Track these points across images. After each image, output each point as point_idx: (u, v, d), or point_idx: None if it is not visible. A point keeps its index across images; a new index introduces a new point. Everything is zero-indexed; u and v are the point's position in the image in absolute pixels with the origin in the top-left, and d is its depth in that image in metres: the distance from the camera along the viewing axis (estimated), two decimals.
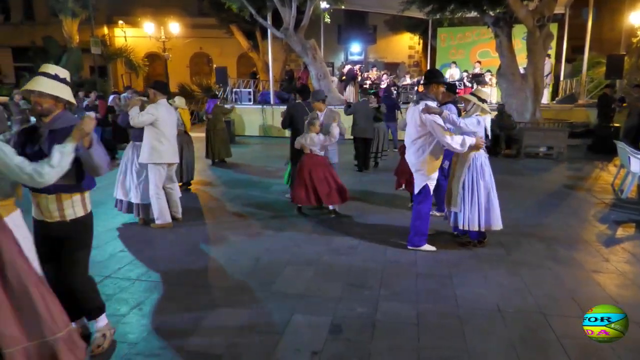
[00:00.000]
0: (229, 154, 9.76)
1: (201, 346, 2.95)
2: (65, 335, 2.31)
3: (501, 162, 9.94)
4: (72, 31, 19.22)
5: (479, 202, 4.50)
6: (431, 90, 4.42)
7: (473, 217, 4.51)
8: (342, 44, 24.08)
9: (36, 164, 2.24)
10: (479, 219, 4.51)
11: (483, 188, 4.51)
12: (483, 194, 4.51)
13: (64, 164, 2.31)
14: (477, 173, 4.52)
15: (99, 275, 4.04)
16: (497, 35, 12.32)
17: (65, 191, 2.60)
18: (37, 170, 2.22)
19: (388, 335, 3.08)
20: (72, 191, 2.64)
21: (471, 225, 4.52)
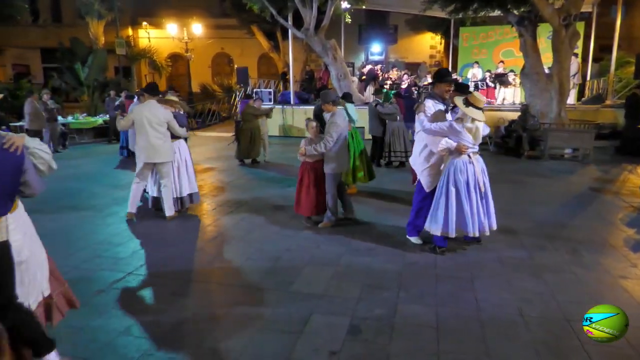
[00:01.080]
0: (256, 154, 9.73)
1: (220, 343, 2.98)
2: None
3: (524, 163, 9.76)
4: (98, 32, 19.68)
5: (446, 208, 4.32)
6: (436, 89, 4.51)
7: (437, 222, 4.37)
8: (362, 44, 24.00)
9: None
10: (444, 225, 4.35)
11: (454, 194, 4.28)
12: (453, 200, 4.28)
13: None
14: (447, 178, 4.32)
15: (122, 271, 4.14)
16: (521, 35, 12.08)
17: None
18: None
19: (407, 337, 3.06)
20: None
21: (433, 230, 4.42)
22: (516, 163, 9.80)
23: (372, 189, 7.18)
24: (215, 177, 8.44)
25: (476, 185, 4.35)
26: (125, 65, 20.28)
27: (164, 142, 5.47)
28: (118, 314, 3.38)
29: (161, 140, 5.43)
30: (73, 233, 5.16)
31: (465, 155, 4.30)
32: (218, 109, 19.08)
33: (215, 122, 18.01)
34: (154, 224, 5.55)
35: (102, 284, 3.88)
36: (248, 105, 9.89)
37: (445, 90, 4.47)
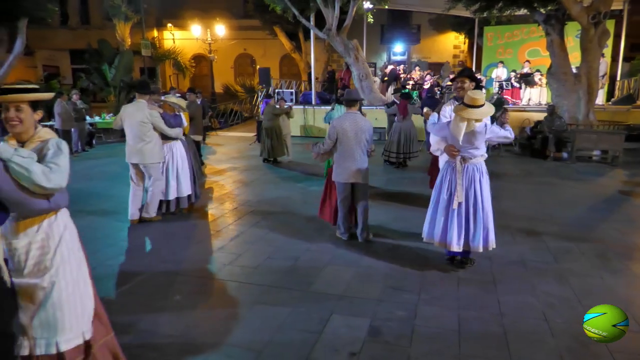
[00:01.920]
0: (278, 154, 9.75)
1: (241, 342, 3.01)
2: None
3: (550, 165, 9.54)
4: (124, 34, 20.13)
5: (432, 213, 4.16)
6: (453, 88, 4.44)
7: (424, 226, 4.24)
8: (384, 43, 23.88)
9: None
10: (428, 231, 4.19)
11: (441, 200, 4.07)
12: (440, 206, 4.07)
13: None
14: (439, 182, 4.13)
15: (144, 269, 4.22)
16: (548, 34, 11.81)
17: None
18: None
19: (428, 340, 3.03)
20: None
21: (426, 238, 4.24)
22: (542, 165, 9.59)
23: (390, 190, 7.14)
24: (237, 176, 8.53)
25: (466, 196, 3.93)
26: (150, 66, 20.67)
27: (147, 143, 5.30)
28: (140, 310, 3.45)
29: (143, 141, 5.28)
30: (98, 230, 5.29)
31: (456, 160, 3.96)
32: (240, 109, 19.28)
33: (237, 122, 18.20)
34: (176, 224, 5.63)
35: (126, 280, 3.97)
36: (269, 104, 9.99)
37: (457, 88, 4.28)
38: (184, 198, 5.87)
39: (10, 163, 1.97)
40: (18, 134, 2.22)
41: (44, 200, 2.13)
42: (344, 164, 4.69)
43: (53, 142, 2.23)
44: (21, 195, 2.03)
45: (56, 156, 2.17)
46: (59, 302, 2.20)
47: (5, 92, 2.20)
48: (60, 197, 2.25)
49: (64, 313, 2.20)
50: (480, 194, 3.93)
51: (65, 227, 2.28)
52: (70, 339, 2.22)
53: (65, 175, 2.15)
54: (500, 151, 11.11)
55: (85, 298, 2.31)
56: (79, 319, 2.26)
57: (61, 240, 2.24)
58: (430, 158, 6.00)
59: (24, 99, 2.20)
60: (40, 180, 2.02)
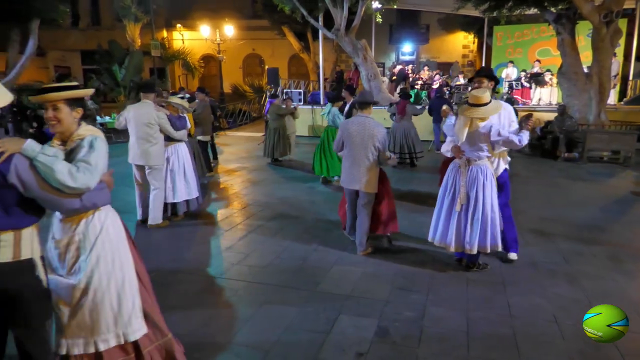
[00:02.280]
0: (281, 154, 9.73)
1: (249, 341, 3.02)
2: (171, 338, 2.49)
3: (561, 165, 9.43)
4: (134, 35, 20.30)
5: (437, 212, 4.15)
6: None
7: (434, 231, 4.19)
8: (393, 43, 23.80)
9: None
10: (432, 231, 4.20)
11: (444, 203, 4.06)
12: (443, 206, 4.07)
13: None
14: (442, 185, 4.14)
15: (152, 268, 4.24)
16: (559, 33, 11.69)
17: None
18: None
19: (436, 341, 3.01)
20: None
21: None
22: (552, 165, 9.49)
23: (397, 190, 7.10)
24: (245, 176, 8.55)
25: (468, 198, 3.88)
26: (160, 67, 20.81)
27: (152, 145, 5.22)
28: None
29: (149, 143, 5.20)
30: None
31: (460, 160, 3.94)
32: (249, 109, 19.32)
33: (246, 122, 18.24)
34: (185, 224, 5.65)
35: None
36: (273, 104, 9.99)
37: (474, 88, 4.18)
38: (193, 200, 5.80)
39: (36, 162, 1.93)
40: (59, 134, 2.22)
41: (76, 199, 2.08)
42: (348, 169, 4.49)
43: (87, 139, 2.17)
44: (48, 195, 1.98)
45: (87, 155, 2.11)
46: (94, 302, 2.20)
47: (41, 92, 2.19)
48: (96, 195, 2.19)
49: (100, 313, 2.21)
50: (482, 197, 3.83)
51: (103, 227, 2.24)
52: (107, 339, 2.23)
53: (95, 175, 2.08)
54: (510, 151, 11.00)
55: (125, 299, 2.27)
56: (118, 320, 2.25)
57: (97, 241, 2.21)
58: (441, 158, 5.95)
59: (58, 97, 2.16)
60: (65, 180, 1.96)
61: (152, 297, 2.48)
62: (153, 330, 2.37)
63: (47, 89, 2.19)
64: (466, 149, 3.87)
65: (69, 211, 2.14)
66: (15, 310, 2.02)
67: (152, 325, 2.37)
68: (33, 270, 2.04)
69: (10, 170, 1.87)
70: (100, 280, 2.21)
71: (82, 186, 2.03)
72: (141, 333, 2.32)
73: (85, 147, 2.14)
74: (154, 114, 5.23)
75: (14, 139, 1.96)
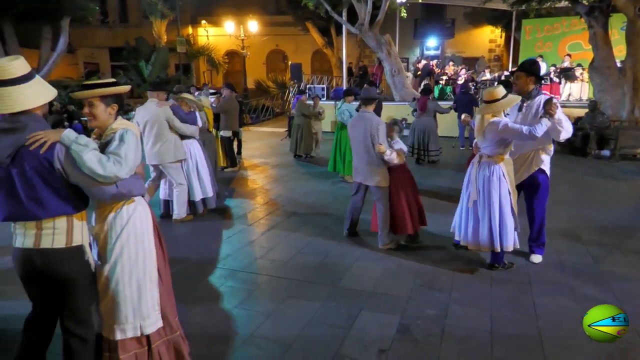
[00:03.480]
0: (307, 150, 9.71)
1: (271, 334, 3.05)
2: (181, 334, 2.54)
3: (591, 163, 9.15)
4: (160, 31, 20.67)
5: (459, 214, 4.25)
6: None
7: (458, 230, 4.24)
8: (418, 38, 23.51)
9: None
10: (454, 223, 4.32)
11: (464, 200, 4.16)
12: (463, 206, 4.17)
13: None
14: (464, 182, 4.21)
15: (177, 261, 4.33)
16: (591, 26, 11.30)
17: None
18: None
19: (459, 340, 2.97)
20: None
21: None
22: (582, 163, 9.22)
23: (420, 187, 7.03)
24: (269, 172, 8.61)
25: (478, 192, 3.90)
26: (185, 63, 21.13)
27: (164, 142, 5.16)
28: None
29: (160, 141, 5.15)
30: None
31: (475, 158, 4.01)
32: (272, 105, 19.43)
33: (269, 118, 18.35)
34: (208, 218, 5.74)
35: None
36: (300, 101, 9.96)
37: (513, 83, 4.13)
38: (210, 198, 5.74)
39: (71, 150, 2.03)
40: (97, 128, 2.33)
41: (111, 186, 2.14)
42: (354, 164, 4.70)
43: (119, 133, 2.23)
44: (86, 181, 2.08)
45: (118, 147, 2.17)
46: (116, 292, 2.27)
47: (81, 89, 2.28)
48: (132, 183, 2.24)
49: (120, 303, 2.27)
50: (490, 194, 3.82)
51: (130, 219, 2.29)
52: (125, 330, 2.29)
53: (125, 166, 2.12)
54: None
55: (145, 292, 2.31)
56: (136, 312, 2.30)
57: (122, 232, 2.26)
58: (467, 154, 5.86)
59: (91, 94, 2.24)
60: (95, 168, 2.03)
61: (169, 292, 2.52)
62: (164, 325, 2.41)
63: (84, 85, 2.27)
64: (481, 145, 3.91)
65: (105, 198, 2.20)
66: (67, 293, 2.16)
67: (165, 322, 2.42)
68: (83, 255, 2.19)
69: (54, 158, 2.01)
70: (122, 270, 2.26)
71: (111, 175, 2.08)
72: (157, 326, 2.36)
73: (116, 140, 2.20)
74: (158, 111, 5.15)
75: (55, 130, 2.07)
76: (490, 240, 3.88)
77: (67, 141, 2.04)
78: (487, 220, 3.86)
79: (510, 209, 3.85)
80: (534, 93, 3.96)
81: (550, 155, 4.09)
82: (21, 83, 2.01)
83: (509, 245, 3.88)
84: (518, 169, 4.06)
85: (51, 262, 2.10)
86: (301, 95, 10.72)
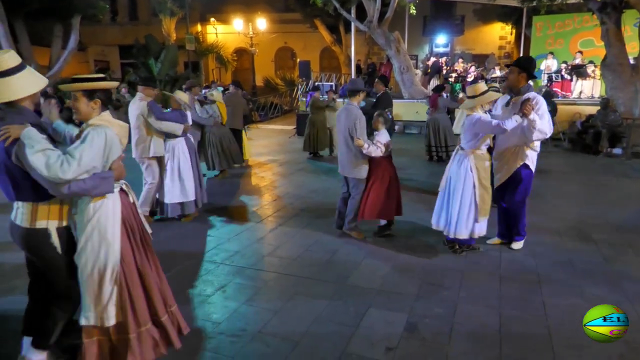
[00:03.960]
0: (321, 147, 9.64)
1: (279, 331, 3.05)
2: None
3: (603, 161, 9.04)
4: (170, 29, 20.74)
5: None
6: None
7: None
8: (427, 35, 23.34)
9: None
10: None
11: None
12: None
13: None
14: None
15: (187, 257, 4.35)
16: (604, 22, 11.14)
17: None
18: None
19: (467, 339, 2.96)
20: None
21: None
22: (593, 161, 9.11)
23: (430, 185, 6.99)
24: (277, 169, 8.62)
25: (446, 182, 4.26)
26: (194, 60, 21.20)
27: (135, 137, 5.06)
28: (182, 297, 3.56)
29: (135, 135, 5.08)
30: None
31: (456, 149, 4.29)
32: (280, 102, 19.43)
33: (277, 115, 18.37)
34: (216, 215, 5.76)
35: (167, 268, 4.11)
36: (314, 97, 9.99)
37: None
38: (189, 203, 5.36)
39: (23, 149, 2.12)
40: (81, 121, 2.39)
41: (64, 186, 2.15)
42: (338, 155, 4.79)
43: (88, 131, 2.28)
44: (36, 177, 2.16)
45: (75, 148, 2.19)
46: (81, 281, 2.39)
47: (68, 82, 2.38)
48: (90, 184, 2.22)
49: (84, 292, 2.39)
50: (455, 185, 4.12)
51: (95, 214, 2.33)
52: (88, 317, 2.39)
53: (75, 168, 2.12)
54: (548, 146, 10.64)
55: (105, 287, 2.37)
56: (97, 303, 2.38)
57: (88, 225, 2.34)
58: None
59: (72, 88, 2.34)
60: (40, 169, 2.08)
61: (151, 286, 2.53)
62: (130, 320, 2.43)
63: (72, 79, 2.36)
64: (461, 138, 4.20)
65: (61, 196, 2.25)
66: (40, 266, 2.45)
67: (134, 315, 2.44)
68: (46, 239, 2.34)
69: (12, 153, 2.15)
70: (86, 262, 2.36)
71: (54, 177, 2.10)
72: (114, 321, 2.40)
73: (81, 139, 2.26)
74: (137, 105, 5.09)
75: (20, 126, 2.17)
76: (446, 226, 4.24)
77: (23, 140, 2.12)
78: (446, 208, 4.23)
79: (472, 201, 4.08)
80: (523, 90, 4.01)
81: (537, 151, 4.15)
82: (6, 76, 2.16)
83: (461, 234, 4.16)
84: (504, 164, 4.18)
85: (18, 235, 2.35)
86: (314, 92, 10.75)
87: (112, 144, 2.32)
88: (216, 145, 7.57)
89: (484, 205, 4.10)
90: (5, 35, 12.17)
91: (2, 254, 4.27)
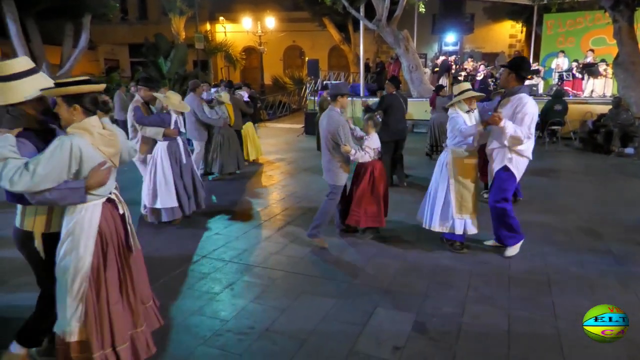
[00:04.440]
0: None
1: (286, 330, 3.06)
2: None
3: (614, 161, 8.93)
4: (179, 28, 20.88)
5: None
6: None
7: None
8: (436, 33, 23.21)
9: None
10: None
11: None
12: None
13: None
14: None
15: (196, 255, 4.38)
16: (616, 20, 11.01)
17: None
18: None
19: (475, 339, 2.94)
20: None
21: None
22: (605, 160, 9.01)
23: None
24: (285, 167, 8.64)
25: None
26: (203, 59, 21.31)
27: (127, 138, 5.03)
28: (191, 294, 3.59)
29: (130, 134, 5.11)
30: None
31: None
32: (288, 101, 19.46)
33: (285, 114, 18.40)
34: (224, 214, 5.79)
35: (175, 267, 4.14)
36: (322, 96, 9.97)
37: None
38: (165, 210, 5.07)
39: None
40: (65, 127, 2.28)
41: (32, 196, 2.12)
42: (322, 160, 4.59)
43: (55, 140, 2.16)
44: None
45: (34, 158, 2.08)
46: (57, 290, 2.33)
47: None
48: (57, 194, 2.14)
49: (58, 301, 2.33)
50: (434, 179, 4.34)
51: (70, 223, 2.27)
52: (59, 326, 2.32)
53: (27, 180, 2.03)
54: (558, 145, 10.54)
55: (69, 299, 2.27)
56: (62, 315, 2.30)
57: (65, 235, 2.28)
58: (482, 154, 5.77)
59: (52, 93, 2.23)
60: (5, 182, 2.03)
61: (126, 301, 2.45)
62: (96, 339, 2.32)
63: (55, 84, 2.26)
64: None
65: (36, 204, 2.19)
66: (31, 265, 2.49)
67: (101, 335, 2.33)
68: (31, 242, 2.38)
69: None
70: (58, 270, 2.30)
71: (7, 186, 2.05)
72: (75, 338, 2.29)
73: (48, 148, 2.13)
74: (130, 106, 5.11)
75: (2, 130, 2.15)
76: (429, 220, 4.35)
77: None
78: (429, 203, 4.39)
79: (446, 195, 4.19)
80: (514, 91, 3.97)
81: (526, 157, 4.05)
82: (9, 80, 2.19)
83: (434, 226, 4.29)
84: (490, 165, 4.19)
85: (12, 232, 2.44)
86: (323, 91, 10.77)
87: (80, 154, 2.16)
88: (223, 147, 7.51)
89: (464, 202, 4.15)
90: (17, 34, 12.32)
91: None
